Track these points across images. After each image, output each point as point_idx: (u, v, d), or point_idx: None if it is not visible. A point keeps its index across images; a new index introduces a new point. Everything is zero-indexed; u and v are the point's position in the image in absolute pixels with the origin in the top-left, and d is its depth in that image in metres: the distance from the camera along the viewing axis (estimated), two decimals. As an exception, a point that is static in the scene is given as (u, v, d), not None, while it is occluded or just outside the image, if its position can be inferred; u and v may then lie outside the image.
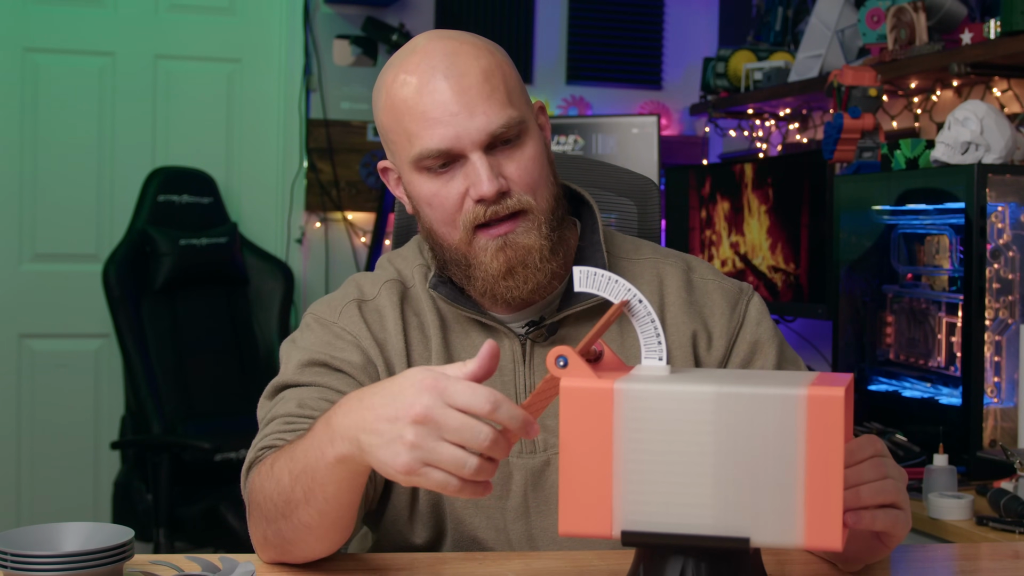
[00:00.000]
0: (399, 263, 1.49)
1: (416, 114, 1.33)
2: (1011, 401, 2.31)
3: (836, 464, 0.99)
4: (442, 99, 1.32)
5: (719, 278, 1.50)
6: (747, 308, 1.48)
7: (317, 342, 1.41)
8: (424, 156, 1.34)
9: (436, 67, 1.33)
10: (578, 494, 1.04)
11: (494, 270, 1.36)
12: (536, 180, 1.36)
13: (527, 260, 1.36)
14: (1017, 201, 2.32)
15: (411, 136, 1.34)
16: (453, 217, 1.35)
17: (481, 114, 1.32)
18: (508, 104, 1.34)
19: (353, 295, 1.44)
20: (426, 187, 1.36)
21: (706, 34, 4.39)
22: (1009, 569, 1.38)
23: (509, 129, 1.34)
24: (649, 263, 1.49)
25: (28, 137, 3.82)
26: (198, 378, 3.58)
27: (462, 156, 1.33)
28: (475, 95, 1.32)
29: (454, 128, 1.32)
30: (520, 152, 1.36)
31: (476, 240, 1.36)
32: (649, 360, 1.09)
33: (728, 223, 3.41)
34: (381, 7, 4.03)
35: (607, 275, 1.09)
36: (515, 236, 1.35)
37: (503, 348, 1.42)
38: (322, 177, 4.05)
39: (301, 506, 1.19)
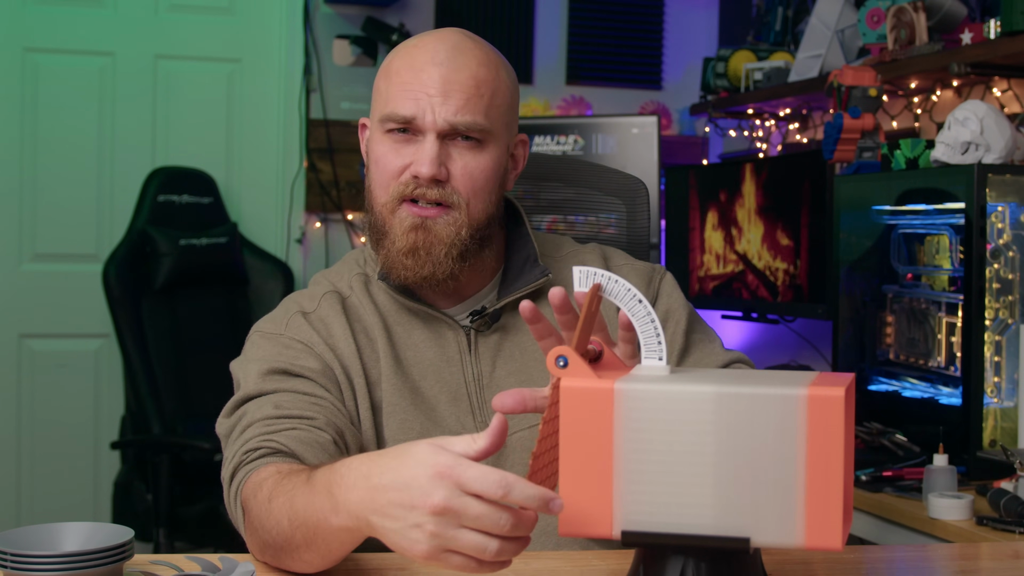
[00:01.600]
0: (333, 277, 1.54)
1: (401, 80, 1.42)
2: (1011, 401, 2.31)
3: (836, 464, 0.99)
4: (427, 78, 1.41)
5: (633, 262, 1.59)
6: (660, 283, 1.56)
7: (269, 353, 1.44)
8: (389, 117, 1.42)
9: (439, 52, 1.43)
10: (578, 494, 1.04)
11: (400, 244, 1.42)
12: (475, 188, 1.43)
13: (433, 248, 1.42)
14: (1017, 201, 2.32)
15: (388, 97, 1.43)
16: (389, 182, 1.43)
17: (453, 105, 1.40)
18: (482, 114, 1.42)
19: (295, 309, 1.49)
20: (380, 147, 1.45)
21: (706, 34, 4.39)
22: (1009, 569, 1.38)
23: (469, 131, 1.41)
24: (570, 257, 1.57)
25: (28, 137, 3.82)
26: (198, 378, 3.58)
27: (420, 133, 1.41)
28: (457, 89, 1.41)
29: (423, 105, 1.40)
30: (472, 156, 1.43)
31: (399, 210, 1.43)
32: (649, 360, 1.09)
33: (728, 223, 3.41)
34: (381, 7, 4.03)
35: (606, 275, 1.09)
36: (433, 223, 1.42)
37: (447, 340, 1.47)
38: (322, 177, 4.05)
39: (302, 549, 1.18)
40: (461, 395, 1.46)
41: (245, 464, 1.31)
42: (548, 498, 0.98)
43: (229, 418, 1.42)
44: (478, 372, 1.47)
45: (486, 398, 1.46)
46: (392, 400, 1.44)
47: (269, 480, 1.23)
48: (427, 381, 1.46)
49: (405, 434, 1.42)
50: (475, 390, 1.47)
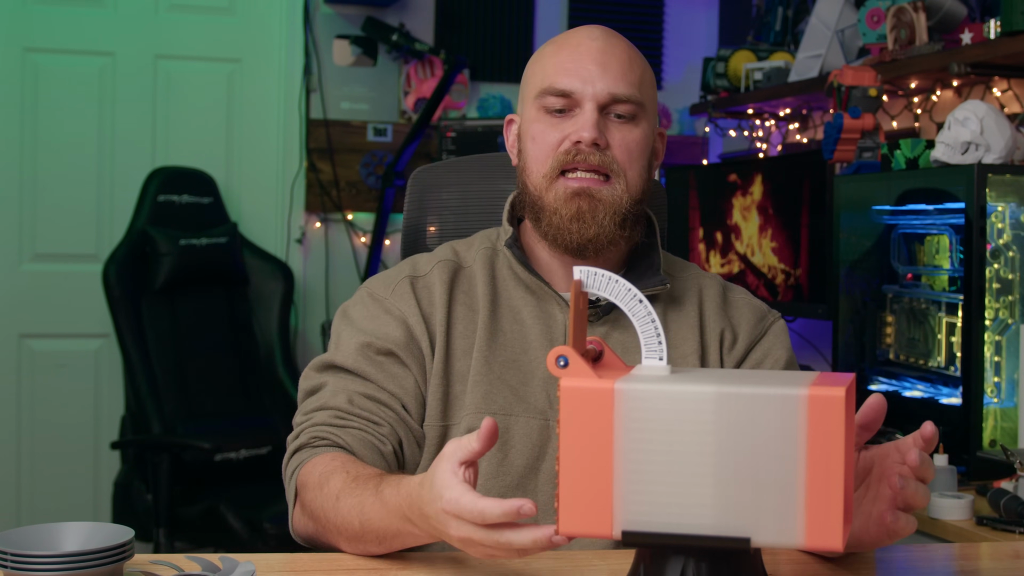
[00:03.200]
0: (460, 247, 1.59)
1: (558, 58, 1.49)
2: (1011, 401, 2.31)
3: (837, 464, 0.99)
4: (587, 52, 1.48)
5: (750, 297, 1.62)
6: (771, 325, 1.59)
7: (367, 317, 1.51)
8: (548, 91, 1.47)
9: (592, 32, 1.51)
10: (578, 494, 1.04)
11: (565, 212, 1.46)
12: (631, 159, 1.48)
13: (597, 211, 1.46)
14: (1017, 201, 2.32)
15: (547, 73, 1.49)
16: (548, 155, 1.48)
17: (611, 78, 1.46)
18: (637, 86, 1.48)
19: (407, 272, 1.55)
20: (537, 124, 1.49)
21: (706, 34, 4.39)
22: (1009, 569, 1.38)
23: (628, 103, 1.47)
24: (692, 277, 1.61)
25: (28, 137, 3.82)
26: (198, 378, 3.58)
27: (579, 106, 1.47)
28: (614, 63, 1.48)
29: (583, 79, 1.46)
30: (628, 129, 1.48)
31: (557, 183, 1.47)
32: (649, 360, 1.09)
33: (728, 223, 3.41)
34: (381, 7, 4.03)
35: (607, 275, 1.09)
36: (596, 190, 1.46)
37: (556, 319, 1.51)
38: (322, 177, 4.04)
39: (372, 545, 1.29)
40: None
41: (309, 447, 1.41)
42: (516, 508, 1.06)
43: (317, 375, 1.50)
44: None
45: None
46: (480, 371, 1.47)
47: (336, 478, 1.33)
48: (527, 356, 1.49)
49: (488, 404, 1.46)
50: None
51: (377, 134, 4.09)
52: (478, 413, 1.45)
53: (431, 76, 4.06)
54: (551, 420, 1.47)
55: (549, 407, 1.47)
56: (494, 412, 1.46)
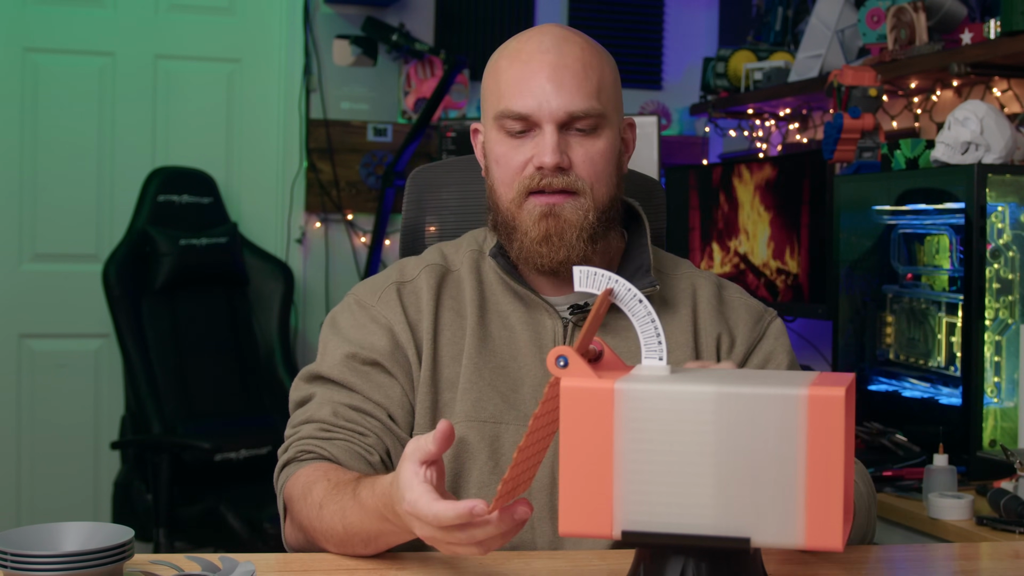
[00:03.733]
0: (448, 250, 1.58)
1: (512, 76, 1.46)
2: (1011, 401, 2.31)
3: (837, 464, 0.99)
4: (539, 69, 1.44)
5: (746, 296, 1.60)
6: (769, 325, 1.57)
7: (353, 325, 1.50)
8: (505, 115, 1.46)
9: (545, 45, 1.46)
10: (578, 494, 1.04)
11: (534, 234, 1.46)
12: (597, 173, 1.46)
13: (565, 233, 1.45)
14: (1017, 201, 2.32)
15: (501, 95, 1.47)
16: (513, 179, 1.47)
17: (567, 94, 1.43)
18: (595, 97, 1.45)
19: (394, 278, 1.54)
20: (500, 146, 1.48)
21: (706, 34, 4.39)
22: (1009, 569, 1.38)
23: (587, 117, 1.45)
24: (685, 276, 1.58)
25: (28, 137, 3.82)
26: (198, 378, 3.58)
27: (538, 127, 1.45)
28: (568, 77, 1.44)
29: (539, 99, 1.44)
30: (591, 142, 1.46)
31: (525, 204, 1.46)
32: (649, 360, 1.09)
33: (728, 223, 3.41)
34: (381, 7, 4.03)
35: (606, 274, 1.09)
36: (561, 208, 1.45)
37: (545, 327, 1.50)
38: (322, 177, 4.04)
39: (359, 547, 1.31)
40: (546, 378, 1.46)
41: (296, 461, 1.43)
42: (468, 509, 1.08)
43: (306, 386, 1.50)
44: None
45: None
46: (470, 378, 1.46)
47: (318, 487, 1.35)
48: (516, 363, 1.48)
49: (478, 412, 1.45)
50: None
51: (377, 134, 4.09)
52: (469, 421, 1.44)
53: (431, 76, 4.06)
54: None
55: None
56: (484, 420, 1.44)
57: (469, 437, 1.44)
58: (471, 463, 1.44)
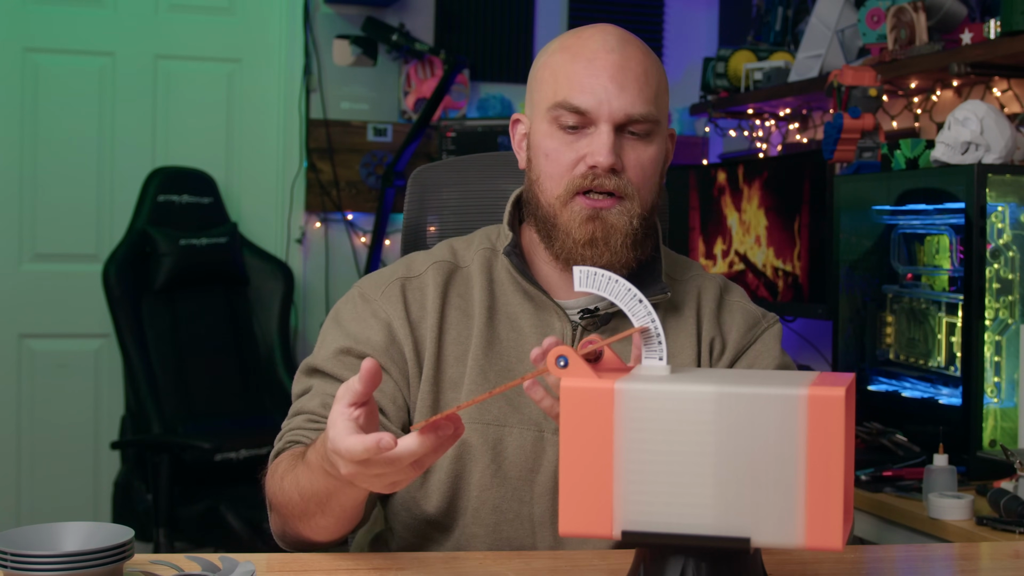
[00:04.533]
0: (459, 245, 1.56)
1: (576, 68, 1.43)
2: (1011, 401, 2.31)
3: (837, 464, 0.99)
4: (604, 67, 1.42)
5: (746, 302, 1.58)
6: (763, 333, 1.55)
7: (353, 318, 1.49)
8: (563, 106, 1.43)
9: (610, 44, 1.45)
10: (578, 494, 1.04)
11: (578, 236, 1.44)
12: (645, 179, 1.45)
13: (610, 238, 1.44)
14: (1017, 201, 2.32)
15: (560, 85, 1.44)
16: (563, 175, 1.44)
17: (629, 96, 1.42)
18: (652, 102, 1.44)
19: (400, 273, 1.52)
20: (551, 140, 1.45)
21: (706, 34, 4.39)
22: (1009, 569, 1.38)
23: (644, 123, 1.43)
24: (693, 281, 1.57)
25: (28, 137, 3.82)
26: (198, 378, 3.58)
27: (593, 125, 1.43)
28: (632, 79, 1.43)
29: (599, 97, 1.42)
30: (643, 148, 1.45)
31: (572, 203, 1.44)
32: (649, 360, 1.09)
33: (728, 223, 3.41)
34: (381, 7, 4.03)
35: (607, 275, 1.09)
36: (608, 213, 1.43)
37: (554, 330, 1.48)
38: (322, 177, 4.04)
39: (317, 516, 1.31)
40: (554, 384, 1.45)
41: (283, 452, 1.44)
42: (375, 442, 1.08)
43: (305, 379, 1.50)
44: None
45: None
46: (475, 379, 1.45)
47: (283, 462, 1.38)
48: (523, 365, 1.46)
49: (481, 414, 1.44)
50: None
51: (377, 134, 4.09)
52: (472, 423, 1.44)
53: (431, 76, 4.06)
54: (545, 431, 1.44)
55: (543, 418, 1.44)
56: (488, 422, 1.44)
57: (472, 439, 1.43)
58: (472, 465, 1.44)
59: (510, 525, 1.43)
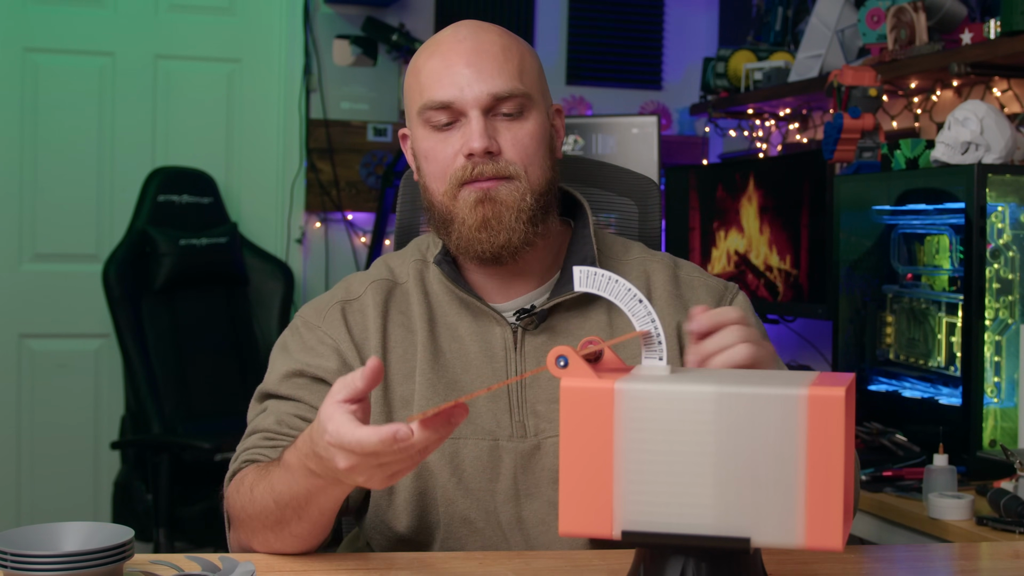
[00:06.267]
0: (394, 262, 1.54)
1: (431, 70, 1.43)
2: (1011, 401, 2.31)
3: (837, 464, 0.99)
4: (455, 59, 1.42)
5: (705, 276, 1.55)
6: (731, 303, 1.51)
7: (300, 348, 1.47)
8: (428, 107, 1.42)
9: (461, 34, 1.44)
10: (578, 494, 1.04)
11: (471, 222, 1.41)
12: (529, 155, 1.43)
13: (503, 216, 1.41)
14: (1017, 201, 2.32)
15: (422, 89, 1.43)
16: (444, 171, 1.43)
17: (488, 77, 1.40)
18: (517, 78, 1.42)
19: (339, 296, 1.50)
20: (426, 141, 1.44)
21: (706, 34, 4.39)
22: (1009, 569, 1.38)
23: (512, 99, 1.41)
24: (637, 262, 1.53)
25: (28, 137, 3.82)
26: (198, 378, 3.58)
27: (463, 115, 1.41)
28: (488, 61, 1.41)
29: (459, 85, 1.40)
30: (519, 125, 1.42)
31: (460, 194, 1.42)
32: (649, 360, 1.09)
33: (728, 223, 3.41)
34: (381, 7, 4.03)
35: (607, 275, 1.09)
36: (496, 192, 1.41)
37: (494, 335, 1.46)
38: (322, 177, 4.04)
39: (293, 522, 1.29)
40: (500, 393, 1.44)
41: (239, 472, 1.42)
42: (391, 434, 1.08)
43: (257, 405, 1.48)
44: (521, 370, 1.44)
45: (526, 397, 1.44)
46: (425, 394, 1.42)
47: (249, 475, 1.36)
48: (468, 375, 1.44)
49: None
50: (516, 388, 1.44)
51: (377, 134, 4.09)
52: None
53: (431, 76, 4.06)
54: (500, 439, 1.42)
55: (496, 426, 1.42)
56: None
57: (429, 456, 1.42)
58: (433, 481, 1.42)
59: (481, 534, 1.42)
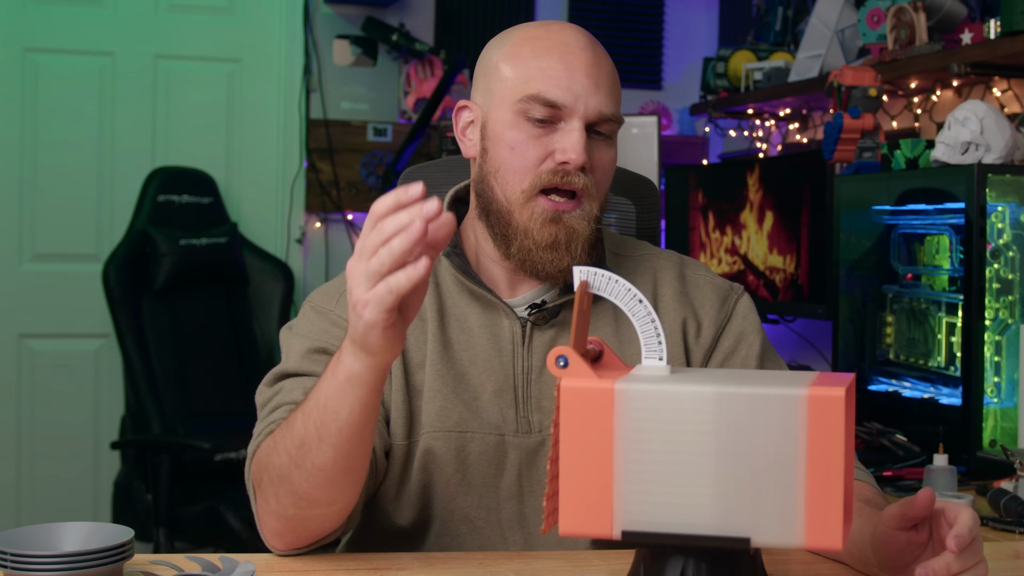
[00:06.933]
0: None
1: (548, 66, 1.39)
2: (1011, 401, 2.30)
3: (837, 464, 0.99)
4: (577, 65, 1.39)
5: (711, 275, 1.55)
6: (736, 304, 1.52)
7: (315, 329, 1.44)
8: (534, 99, 1.38)
9: (582, 46, 1.42)
10: (578, 494, 1.04)
11: (540, 238, 1.40)
12: (606, 180, 1.44)
13: (571, 243, 1.40)
14: (1017, 201, 2.32)
15: (533, 76, 1.40)
16: (529, 170, 1.40)
17: (603, 95, 1.40)
18: (618, 104, 1.43)
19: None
20: (516, 132, 1.40)
21: (706, 34, 4.39)
22: (1009, 569, 1.38)
23: (612, 123, 1.41)
24: (645, 259, 1.54)
25: (28, 137, 3.82)
26: (198, 378, 3.58)
27: (562, 120, 1.39)
28: (604, 77, 1.41)
29: (577, 92, 1.38)
30: (607, 148, 1.43)
31: (533, 203, 1.40)
32: (649, 360, 1.09)
33: (728, 223, 3.41)
34: (381, 7, 4.03)
35: (607, 275, 1.09)
36: (570, 218, 1.40)
37: (503, 328, 1.45)
38: (322, 177, 4.04)
39: (314, 447, 1.20)
40: (507, 387, 1.43)
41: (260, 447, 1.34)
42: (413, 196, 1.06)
43: (269, 388, 1.43)
44: (528, 366, 1.44)
45: (532, 392, 1.43)
46: (434, 385, 1.41)
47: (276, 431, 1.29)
48: (476, 367, 1.43)
49: (443, 421, 1.40)
50: (523, 383, 1.43)
51: (377, 134, 4.09)
52: (435, 432, 1.40)
53: (431, 76, 4.06)
54: (506, 435, 1.41)
55: (503, 422, 1.42)
56: (449, 429, 1.40)
57: (436, 448, 1.40)
58: (438, 474, 1.41)
59: (480, 533, 1.42)
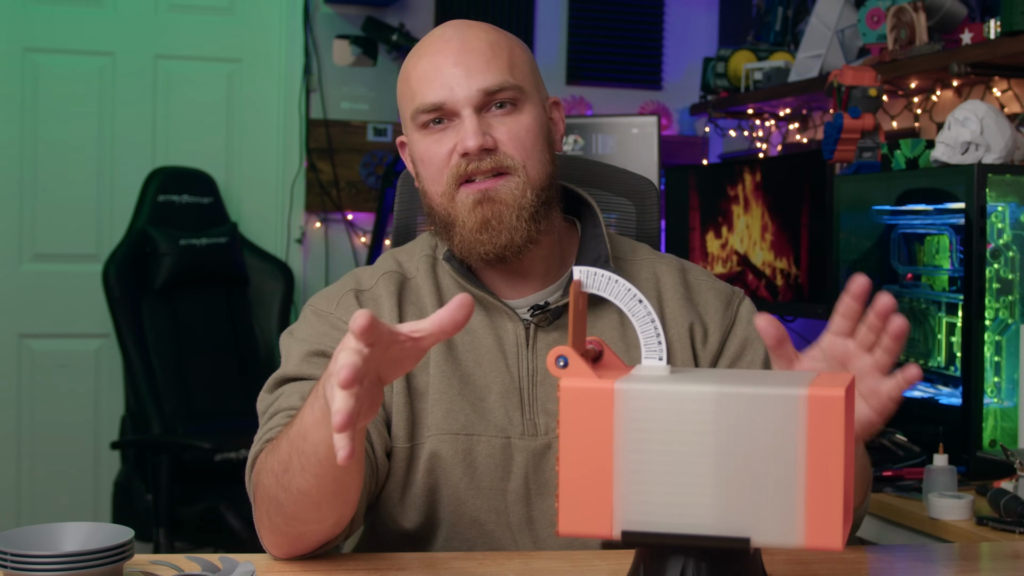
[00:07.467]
0: (402, 257, 1.52)
1: (420, 74, 1.42)
2: (1011, 401, 2.31)
3: (837, 464, 0.99)
4: (443, 60, 1.41)
5: (712, 280, 1.55)
6: (739, 308, 1.53)
7: (315, 333, 1.44)
8: (421, 110, 1.41)
9: (447, 35, 1.44)
10: (578, 494, 1.04)
11: (471, 223, 1.40)
12: (527, 148, 1.41)
13: (503, 215, 1.40)
14: (1017, 201, 2.32)
15: (413, 94, 1.43)
16: (441, 172, 1.41)
17: (477, 73, 1.40)
18: (507, 72, 1.41)
19: (350, 286, 1.48)
20: (421, 144, 1.43)
21: (706, 34, 4.39)
22: (1009, 569, 1.38)
23: (503, 92, 1.40)
24: (646, 263, 1.53)
25: (28, 137, 3.82)
26: (198, 378, 3.58)
27: (456, 115, 1.40)
28: (476, 58, 1.40)
29: (450, 86, 1.40)
30: (513, 119, 1.41)
31: (458, 195, 1.41)
32: (649, 360, 1.09)
33: (728, 223, 3.41)
34: (381, 7, 4.03)
35: (607, 275, 1.09)
36: (495, 192, 1.40)
37: (507, 331, 1.45)
38: (322, 177, 4.04)
39: (297, 474, 1.20)
40: (512, 389, 1.43)
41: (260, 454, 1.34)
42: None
43: (269, 395, 1.44)
44: (533, 368, 1.44)
45: (538, 395, 1.43)
46: (439, 387, 1.41)
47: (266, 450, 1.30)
48: (481, 369, 1.43)
49: (449, 424, 1.40)
50: (528, 385, 1.43)
51: (377, 134, 4.09)
52: (442, 434, 1.40)
53: (431, 76, 4.06)
54: (512, 437, 1.41)
55: (509, 424, 1.42)
56: (456, 432, 1.40)
57: (442, 451, 1.40)
58: (445, 477, 1.41)
59: (491, 536, 1.42)
